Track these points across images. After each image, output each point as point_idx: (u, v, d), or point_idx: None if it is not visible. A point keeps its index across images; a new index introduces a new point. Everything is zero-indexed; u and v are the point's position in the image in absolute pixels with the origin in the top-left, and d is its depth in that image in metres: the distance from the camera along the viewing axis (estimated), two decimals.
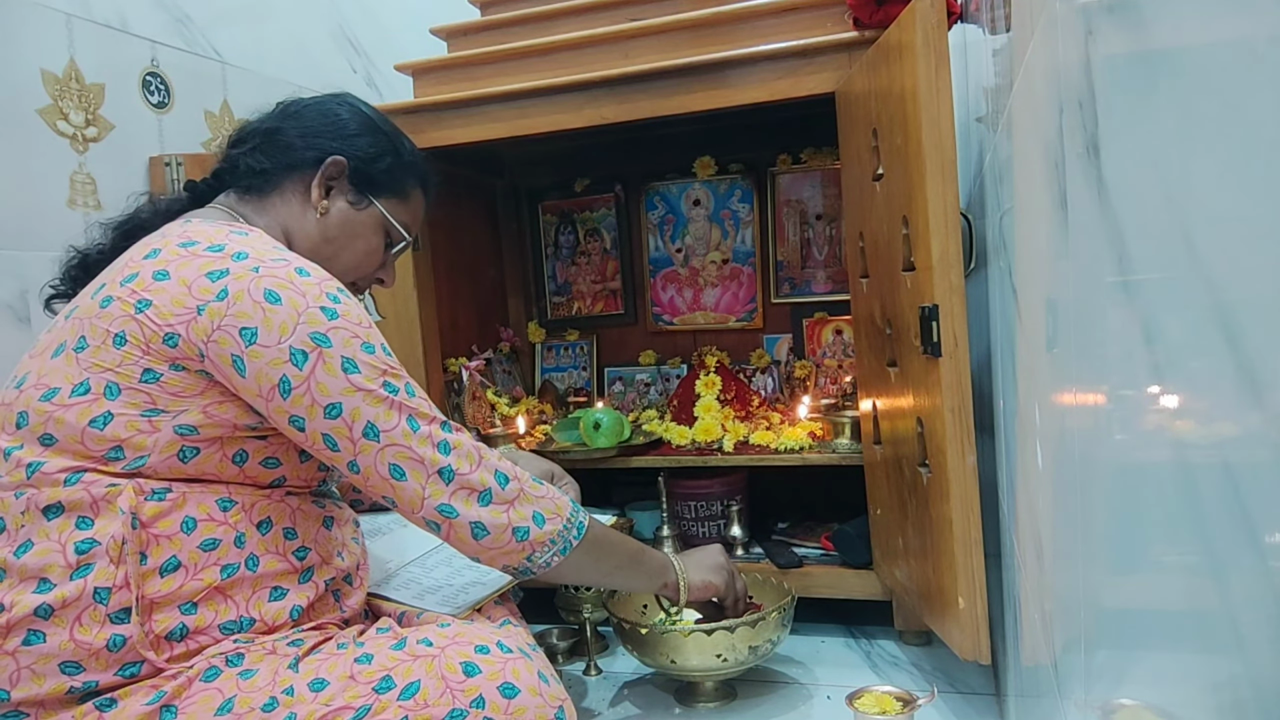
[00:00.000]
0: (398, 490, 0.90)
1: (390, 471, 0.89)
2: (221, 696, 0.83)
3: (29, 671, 0.81)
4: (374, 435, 0.88)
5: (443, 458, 0.90)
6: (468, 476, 0.91)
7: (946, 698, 1.30)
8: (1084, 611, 0.59)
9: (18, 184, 1.35)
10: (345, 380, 0.87)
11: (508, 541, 0.93)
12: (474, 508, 0.91)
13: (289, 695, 0.83)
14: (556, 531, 0.95)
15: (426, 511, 0.91)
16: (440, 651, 0.89)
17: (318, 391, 0.87)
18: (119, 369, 0.86)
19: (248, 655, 0.86)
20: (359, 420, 0.88)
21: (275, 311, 0.87)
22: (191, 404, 0.87)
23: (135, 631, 0.82)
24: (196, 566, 0.86)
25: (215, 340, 0.86)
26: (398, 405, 0.89)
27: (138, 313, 0.87)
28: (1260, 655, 0.31)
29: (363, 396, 0.88)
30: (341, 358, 0.88)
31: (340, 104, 1.10)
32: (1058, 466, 0.68)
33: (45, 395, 0.87)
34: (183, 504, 0.87)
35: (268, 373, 0.86)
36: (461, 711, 0.85)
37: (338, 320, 0.89)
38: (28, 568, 0.83)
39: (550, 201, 2.12)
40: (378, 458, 0.89)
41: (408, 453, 0.89)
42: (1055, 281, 0.65)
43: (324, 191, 1.05)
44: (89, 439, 0.85)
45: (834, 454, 1.57)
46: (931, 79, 1.09)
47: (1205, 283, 0.35)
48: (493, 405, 1.86)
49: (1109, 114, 0.47)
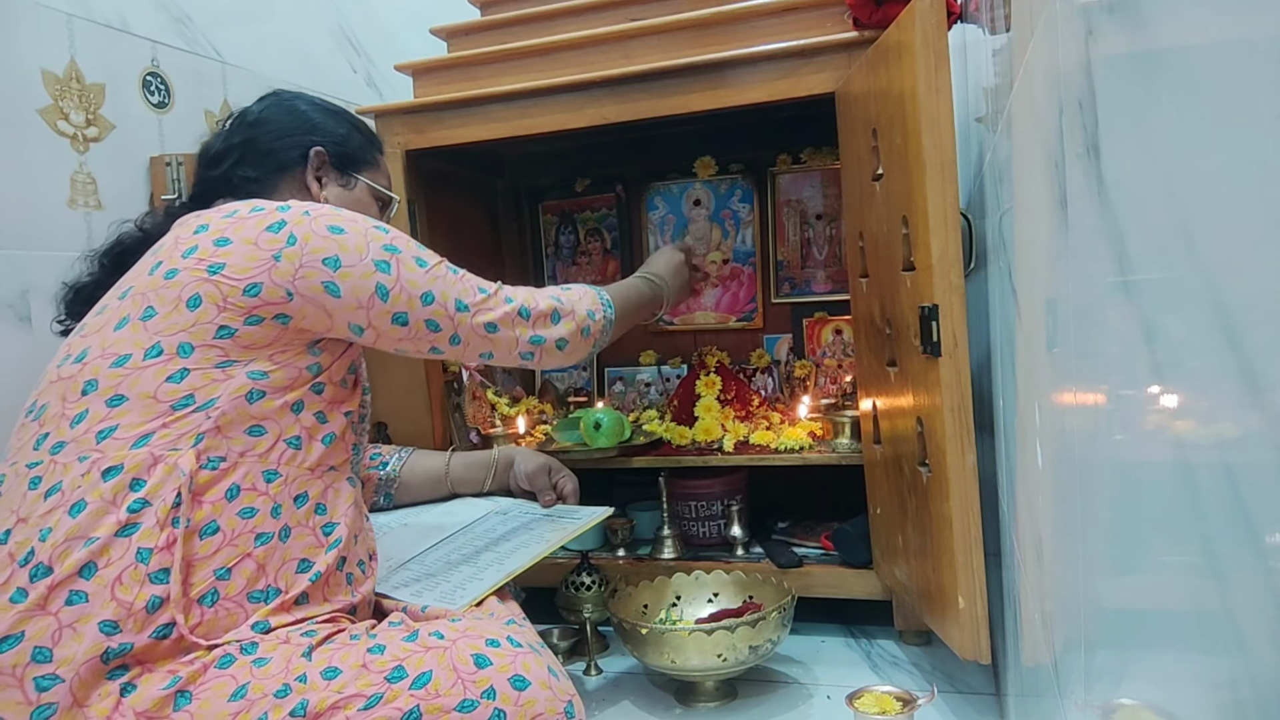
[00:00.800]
0: (495, 341, 1.11)
1: (486, 329, 1.09)
2: (235, 683, 0.84)
3: (70, 630, 0.83)
4: (463, 307, 1.07)
5: (514, 304, 1.12)
6: (536, 309, 1.14)
7: (946, 698, 1.30)
8: (1084, 611, 0.59)
9: (18, 184, 1.35)
10: (424, 273, 1.05)
11: (579, 341, 1.19)
12: (551, 329, 1.16)
13: (302, 682, 0.85)
14: (602, 315, 1.23)
15: (522, 347, 1.13)
16: (452, 644, 0.91)
17: (410, 287, 1.03)
18: (192, 329, 0.93)
19: (262, 644, 0.88)
20: (448, 300, 1.06)
21: (346, 238, 1.00)
22: (261, 354, 0.96)
23: (174, 590, 0.85)
24: (234, 532, 0.91)
25: (302, 276, 0.97)
26: (462, 280, 1.09)
27: (211, 274, 0.95)
28: (1260, 655, 0.31)
29: (443, 281, 1.06)
30: (413, 258, 1.05)
31: (292, 100, 1.19)
32: (1058, 466, 0.68)
33: (116, 362, 0.92)
34: (232, 472, 0.92)
35: (363, 285, 1.00)
36: (473, 702, 0.86)
37: (391, 234, 1.05)
38: (80, 526, 0.85)
39: (550, 201, 2.12)
40: (473, 322, 1.08)
41: (490, 312, 1.10)
42: (1055, 281, 0.65)
43: (318, 183, 1.14)
44: (162, 392, 0.91)
45: (834, 453, 1.57)
46: (931, 79, 1.09)
47: (1205, 283, 0.35)
48: (493, 405, 1.86)
49: (1109, 114, 0.47)
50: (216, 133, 1.18)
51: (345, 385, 1.05)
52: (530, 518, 1.35)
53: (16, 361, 1.27)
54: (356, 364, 1.09)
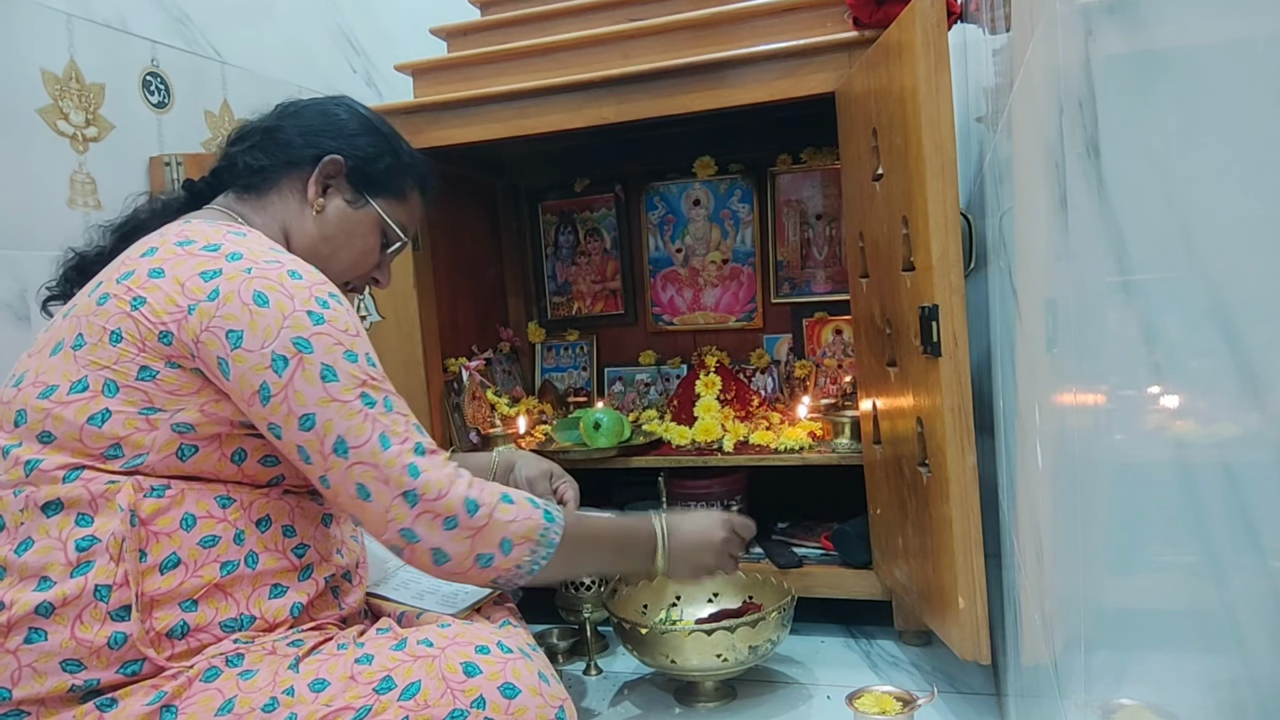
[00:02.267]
0: (364, 509, 0.89)
1: (357, 491, 0.88)
2: (222, 697, 0.82)
3: (30, 670, 0.81)
4: (343, 451, 0.87)
5: (410, 480, 0.88)
6: (433, 502, 0.89)
7: (946, 698, 1.30)
8: (1084, 611, 0.59)
9: (18, 184, 1.35)
10: (322, 389, 0.87)
11: (470, 568, 0.92)
12: (437, 533, 0.89)
13: (289, 695, 0.83)
14: (523, 557, 0.94)
15: (390, 534, 0.89)
16: (441, 652, 0.88)
17: (294, 400, 0.86)
18: (116, 366, 0.86)
19: (248, 655, 0.85)
20: (330, 434, 0.87)
21: (262, 314, 0.86)
22: (188, 402, 0.87)
23: (135, 629, 0.82)
24: (196, 563, 0.86)
25: (203, 341, 0.86)
26: (371, 419, 0.88)
27: (133, 310, 0.87)
28: (1260, 655, 0.31)
29: (337, 408, 0.87)
30: (321, 365, 0.87)
31: (339, 105, 1.10)
32: (1058, 466, 0.68)
33: (43, 393, 0.87)
34: (181, 500, 0.87)
35: (250, 378, 0.86)
36: (462, 712, 0.85)
37: (323, 326, 0.88)
38: (28, 566, 0.83)
39: (550, 201, 2.12)
40: (346, 474, 0.88)
41: (374, 472, 0.88)
42: (1055, 281, 0.65)
43: (321, 190, 1.05)
44: (87, 436, 0.86)
45: (834, 454, 1.57)
46: (931, 79, 1.09)
47: (1205, 283, 0.35)
48: (493, 405, 1.86)
49: (1109, 114, 0.47)
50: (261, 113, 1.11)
51: None
52: None
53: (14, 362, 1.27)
54: None
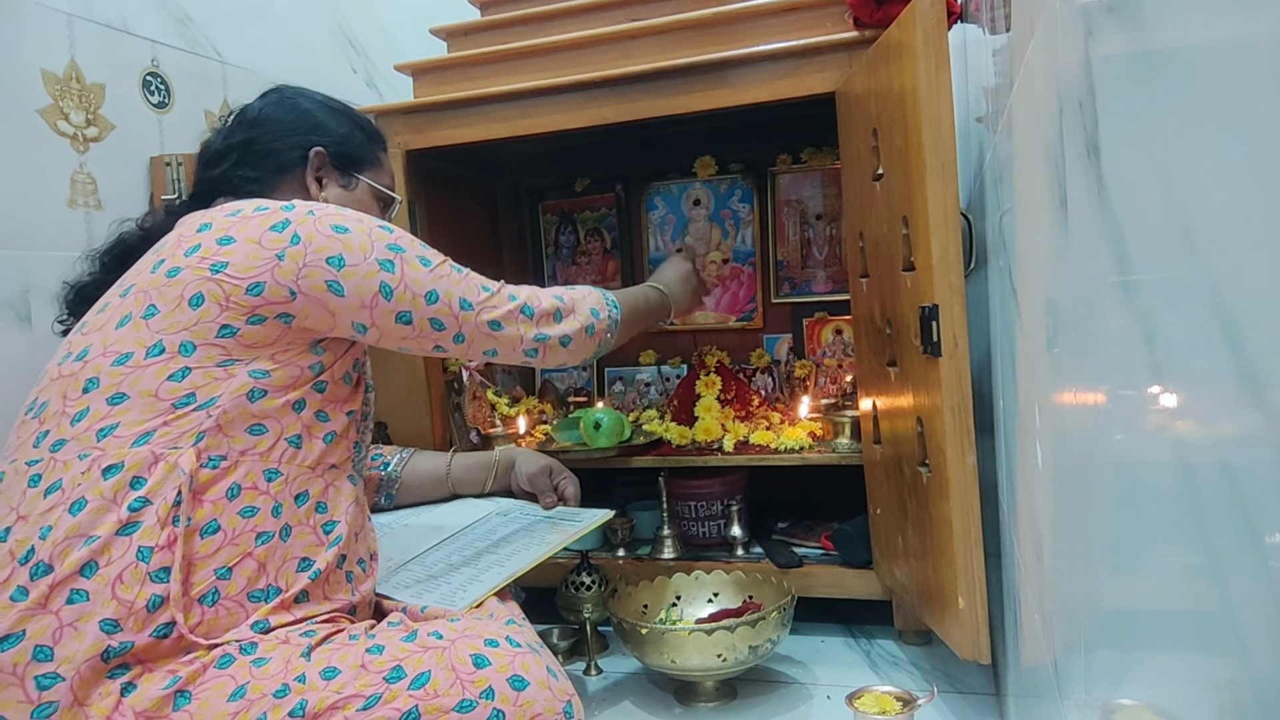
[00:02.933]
0: (499, 339, 1.11)
1: (490, 326, 1.09)
2: (234, 683, 0.84)
3: (71, 629, 0.83)
4: (467, 306, 1.08)
5: (518, 302, 1.12)
6: (539, 306, 1.14)
7: (946, 698, 1.30)
8: (1084, 611, 0.59)
9: (18, 184, 1.35)
10: (428, 272, 1.05)
11: (584, 339, 1.19)
12: (555, 326, 1.16)
13: (301, 682, 0.85)
14: (606, 314, 1.23)
15: (526, 344, 1.13)
16: (451, 644, 0.91)
17: (415, 285, 1.03)
18: (194, 327, 0.93)
19: (261, 644, 0.88)
20: (453, 298, 1.06)
21: (349, 238, 1.00)
22: (263, 353, 0.96)
23: (175, 589, 0.85)
24: (234, 532, 0.91)
25: (305, 275, 0.97)
26: (465, 278, 1.09)
27: (214, 273, 0.95)
28: (1260, 655, 0.31)
29: (447, 280, 1.07)
30: (417, 257, 1.05)
31: (294, 98, 1.18)
32: (1058, 466, 0.68)
33: (118, 360, 0.92)
34: (232, 471, 0.92)
35: (366, 284, 1.00)
36: (471, 702, 0.86)
37: (395, 233, 1.05)
38: (80, 525, 0.85)
39: (550, 201, 2.12)
40: (477, 320, 1.08)
41: (494, 310, 1.10)
42: (1055, 281, 0.65)
43: (318, 184, 1.13)
44: (163, 391, 0.91)
45: (834, 454, 1.57)
46: (931, 79, 1.09)
47: (1205, 283, 0.35)
48: (493, 405, 1.86)
49: (1109, 114, 0.47)
50: (217, 131, 1.17)
51: (348, 383, 1.05)
52: (531, 519, 1.35)
53: (16, 361, 1.27)
54: (360, 362, 1.09)
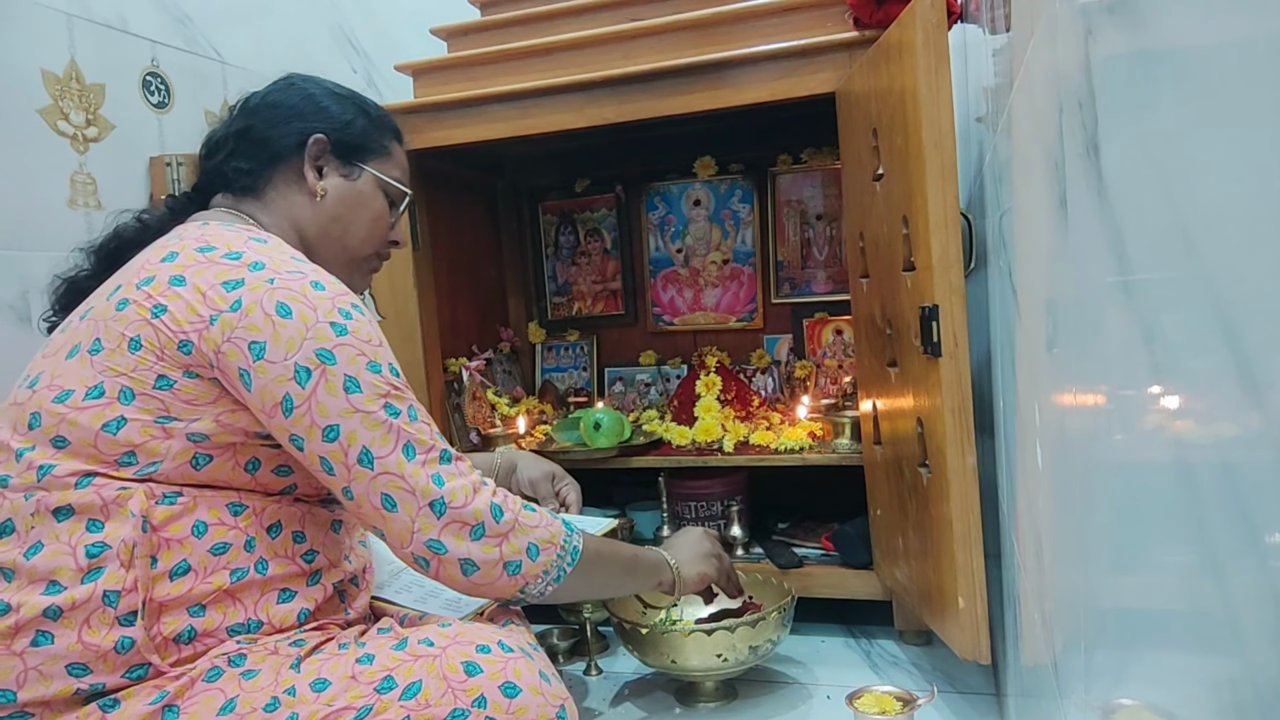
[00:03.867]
0: (388, 521, 0.88)
1: (382, 501, 0.88)
2: (224, 697, 0.82)
3: (36, 673, 0.80)
4: (368, 462, 0.87)
5: (436, 489, 0.88)
6: (460, 510, 0.89)
7: (946, 698, 1.30)
8: (1084, 611, 0.59)
9: (18, 184, 1.35)
10: (345, 400, 0.86)
11: (499, 577, 0.91)
12: (465, 543, 0.89)
13: (291, 695, 0.83)
14: (550, 562, 0.94)
15: (415, 546, 0.89)
16: (442, 651, 0.88)
17: (317, 412, 0.86)
18: (133, 374, 0.86)
19: (250, 656, 0.86)
20: (355, 445, 0.87)
21: (285, 326, 0.86)
22: (204, 412, 0.87)
23: (141, 635, 0.82)
24: (206, 570, 0.86)
25: (224, 352, 0.86)
26: (395, 430, 0.88)
27: (153, 318, 0.87)
28: (1260, 655, 0.31)
29: (361, 419, 0.87)
30: (345, 376, 0.87)
31: (294, 83, 1.09)
32: (1058, 466, 0.68)
33: (59, 397, 0.87)
34: (194, 508, 0.87)
35: (272, 389, 0.86)
36: (463, 711, 0.85)
37: (345, 336, 0.88)
38: (37, 569, 0.83)
39: (550, 201, 2.12)
40: (370, 486, 0.87)
41: (400, 482, 0.87)
42: (1055, 281, 0.65)
43: (317, 173, 1.04)
44: (102, 443, 0.85)
45: (834, 454, 1.57)
46: (931, 79, 1.09)
47: (1205, 283, 0.35)
48: (493, 405, 1.86)
49: (1109, 114, 0.47)
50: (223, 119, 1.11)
51: None
52: None
53: (16, 362, 1.27)
54: None
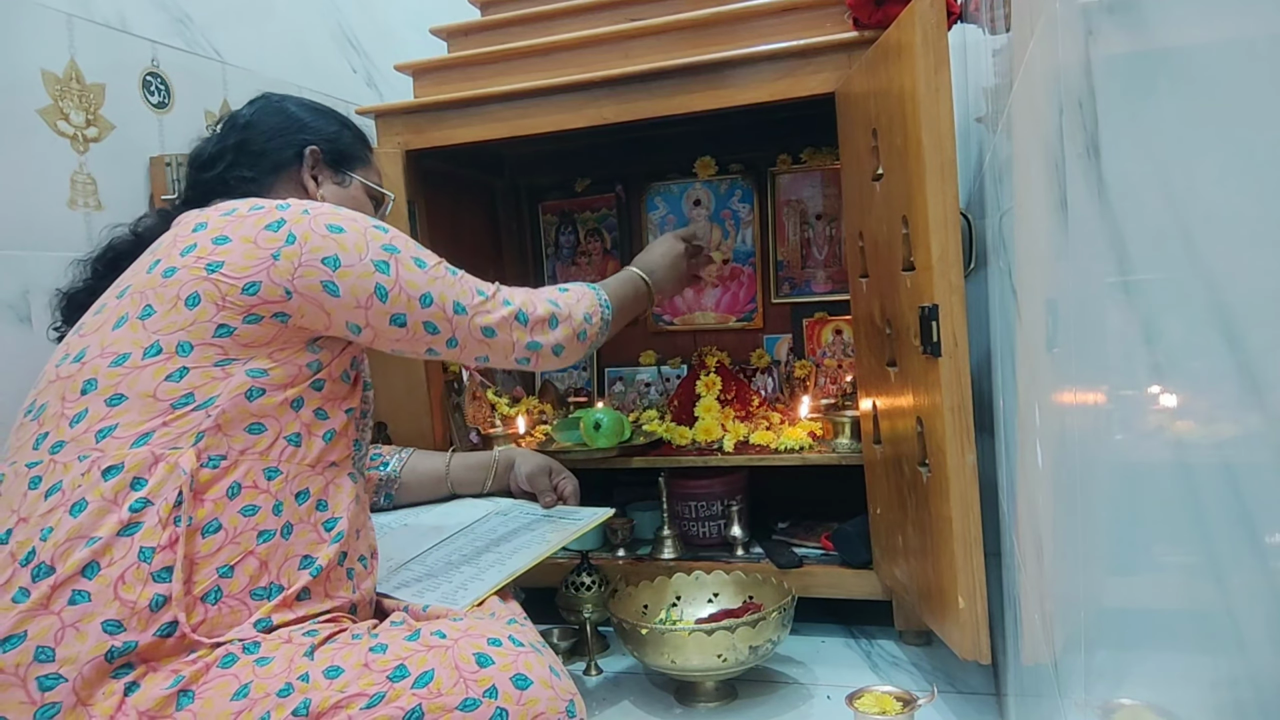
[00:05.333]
0: (492, 345, 1.10)
1: (483, 333, 1.09)
2: (238, 682, 0.85)
3: (73, 630, 0.83)
4: (461, 310, 1.07)
5: (512, 308, 1.11)
6: (534, 314, 1.13)
7: (946, 698, 1.30)
8: (1084, 611, 0.59)
9: (18, 184, 1.35)
10: (423, 274, 1.04)
11: (575, 344, 1.18)
12: (549, 334, 1.15)
13: (304, 681, 0.85)
14: (599, 317, 1.22)
15: (519, 352, 1.12)
16: (454, 643, 0.91)
17: (409, 288, 1.03)
18: (191, 327, 0.93)
19: (264, 643, 0.88)
20: (447, 302, 1.06)
21: (344, 238, 1.00)
22: (260, 352, 0.96)
23: (177, 589, 0.85)
24: (236, 530, 0.91)
25: (301, 275, 0.96)
26: (460, 281, 1.09)
27: (209, 273, 0.94)
28: (1260, 655, 0.31)
29: (442, 283, 1.06)
30: (412, 258, 1.04)
31: (280, 102, 1.19)
32: (1058, 466, 0.68)
33: (115, 361, 0.92)
34: (233, 470, 0.92)
35: (362, 285, 1.00)
36: (475, 701, 0.86)
37: (390, 233, 1.05)
38: (81, 526, 0.86)
39: (550, 201, 2.12)
40: (470, 325, 1.07)
41: (487, 315, 1.09)
42: (1055, 281, 0.65)
43: (314, 181, 1.14)
44: (161, 391, 0.91)
45: (834, 454, 1.57)
46: (931, 79, 1.09)
47: (1205, 283, 0.35)
48: (493, 405, 1.86)
49: (1109, 114, 0.47)
50: (208, 137, 1.17)
51: (346, 381, 1.05)
52: (531, 519, 1.35)
53: (16, 361, 1.27)
54: (358, 360, 1.09)
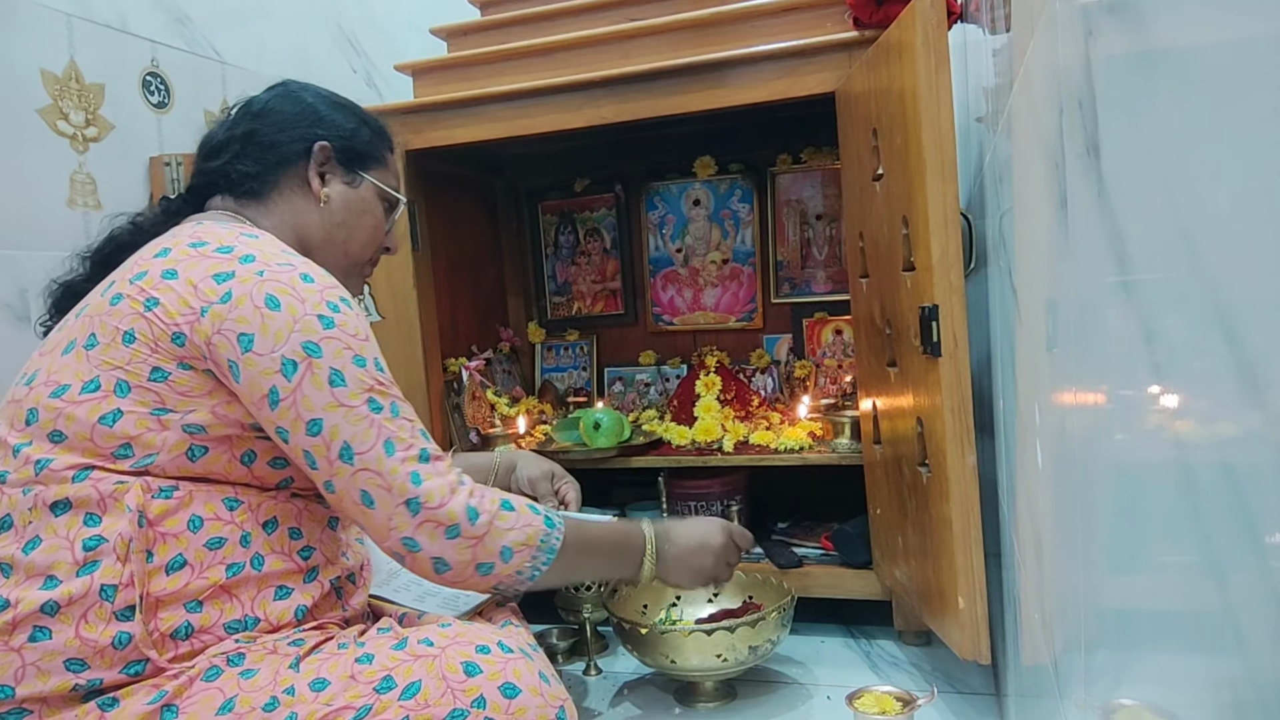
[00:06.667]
0: (367, 517, 0.90)
1: (361, 497, 0.89)
2: (223, 696, 0.82)
3: (34, 668, 0.81)
4: (349, 458, 0.88)
5: (412, 488, 0.89)
6: (435, 510, 0.89)
7: (946, 698, 1.30)
8: (1084, 611, 0.59)
9: (18, 184, 1.35)
10: (330, 394, 0.87)
11: (470, 575, 0.92)
12: (439, 542, 0.90)
13: (290, 695, 0.83)
14: (523, 563, 0.94)
15: (392, 542, 0.90)
16: (441, 651, 0.88)
17: (302, 405, 0.87)
18: (128, 366, 0.87)
19: (249, 655, 0.86)
20: (336, 440, 0.87)
21: (273, 318, 0.87)
22: (199, 403, 0.88)
23: (139, 630, 0.82)
24: (202, 565, 0.86)
25: (215, 343, 0.87)
26: (377, 426, 0.89)
27: (146, 310, 0.88)
28: (1260, 655, 0.31)
29: (344, 413, 0.87)
30: (330, 369, 0.87)
31: (297, 91, 1.10)
32: (1058, 466, 0.68)
33: (55, 392, 0.88)
34: (189, 502, 0.87)
35: (259, 381, 0.87)
36: (463, 711, 0.85)
37: (333, 330, 0.89)
38: (35, 564, 0.83)
39: (550, 201, 2.12)
40: (350, 481, 0.88)
41: (378, 480, 0.88)
42: (1055, 281, 0.65)
43: (320, 179, 1.06)
44: (98, 436, 0.86)
45: (834, 454, 1.57)
46: (931, 79, 1.09)
47: (1205, 283, 0.35)
48: (493, 405, 1.86)
49: (1109, 114, 0.47)
50: (220, 122, 1.11)
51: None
52: None
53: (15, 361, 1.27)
54: None
